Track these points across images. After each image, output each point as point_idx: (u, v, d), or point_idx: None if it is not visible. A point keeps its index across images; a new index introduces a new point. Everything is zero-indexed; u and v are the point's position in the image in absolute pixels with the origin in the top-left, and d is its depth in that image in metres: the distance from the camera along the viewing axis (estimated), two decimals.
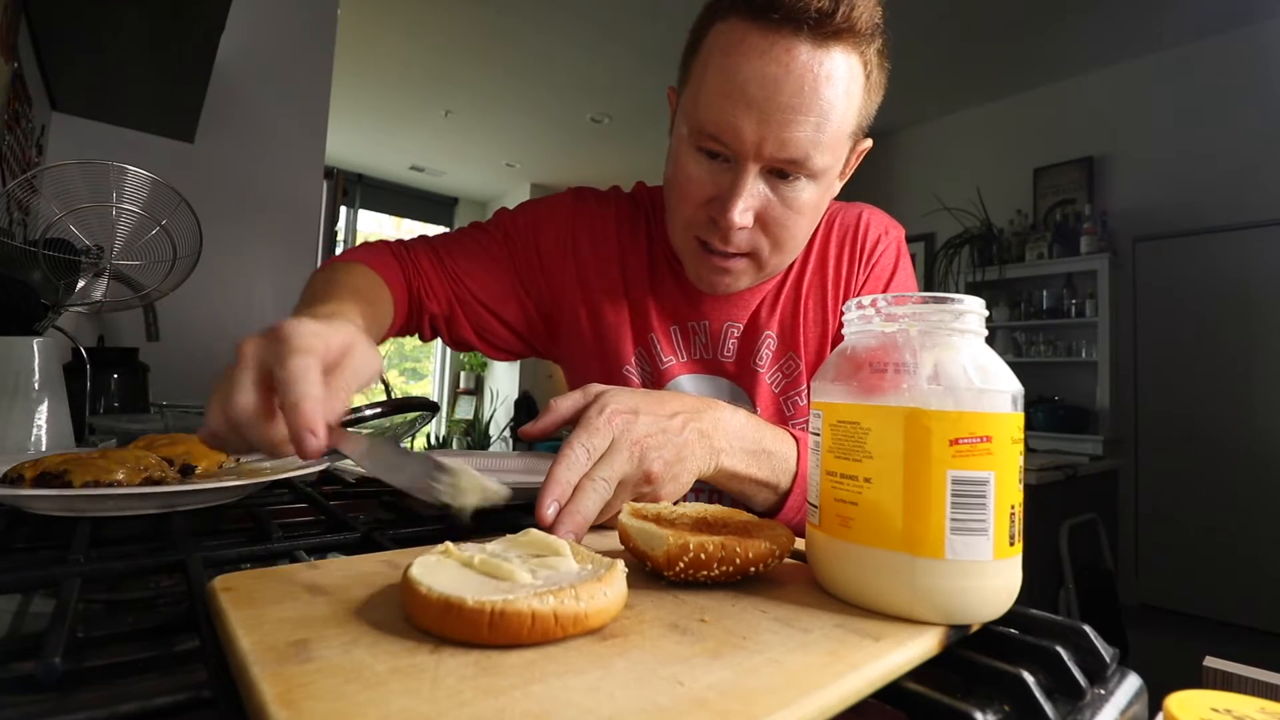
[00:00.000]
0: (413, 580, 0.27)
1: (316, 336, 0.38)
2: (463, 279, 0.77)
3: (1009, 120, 4.24)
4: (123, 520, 0.49)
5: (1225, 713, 0.28)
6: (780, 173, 0.62)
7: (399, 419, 0.80)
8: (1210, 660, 0.46)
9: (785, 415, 0.76)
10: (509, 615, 0.25)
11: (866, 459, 0.33)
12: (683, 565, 0.34)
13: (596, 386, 0.50)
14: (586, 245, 0.80)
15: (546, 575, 0.30)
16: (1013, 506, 0.32)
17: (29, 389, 0.77)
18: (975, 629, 0.33)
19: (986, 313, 0.36)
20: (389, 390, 1.67)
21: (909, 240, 4.50)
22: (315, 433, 0.33)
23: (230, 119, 1.97)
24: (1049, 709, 0.26)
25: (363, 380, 0.40)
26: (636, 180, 0.88)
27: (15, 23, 1.17)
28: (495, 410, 6.37)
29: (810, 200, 0.65)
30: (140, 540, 0.50)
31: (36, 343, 0.79)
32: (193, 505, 0.51)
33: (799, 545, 0.40)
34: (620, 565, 0.30)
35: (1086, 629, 0.32)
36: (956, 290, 4.13)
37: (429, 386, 6.75)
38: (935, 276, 4.27)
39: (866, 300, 0.36)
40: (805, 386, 0.76)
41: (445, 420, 6.35)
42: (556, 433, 0.52)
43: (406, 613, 0.28)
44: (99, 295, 1.10)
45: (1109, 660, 0.31)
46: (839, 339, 0.78)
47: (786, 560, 0.38)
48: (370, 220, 6.12)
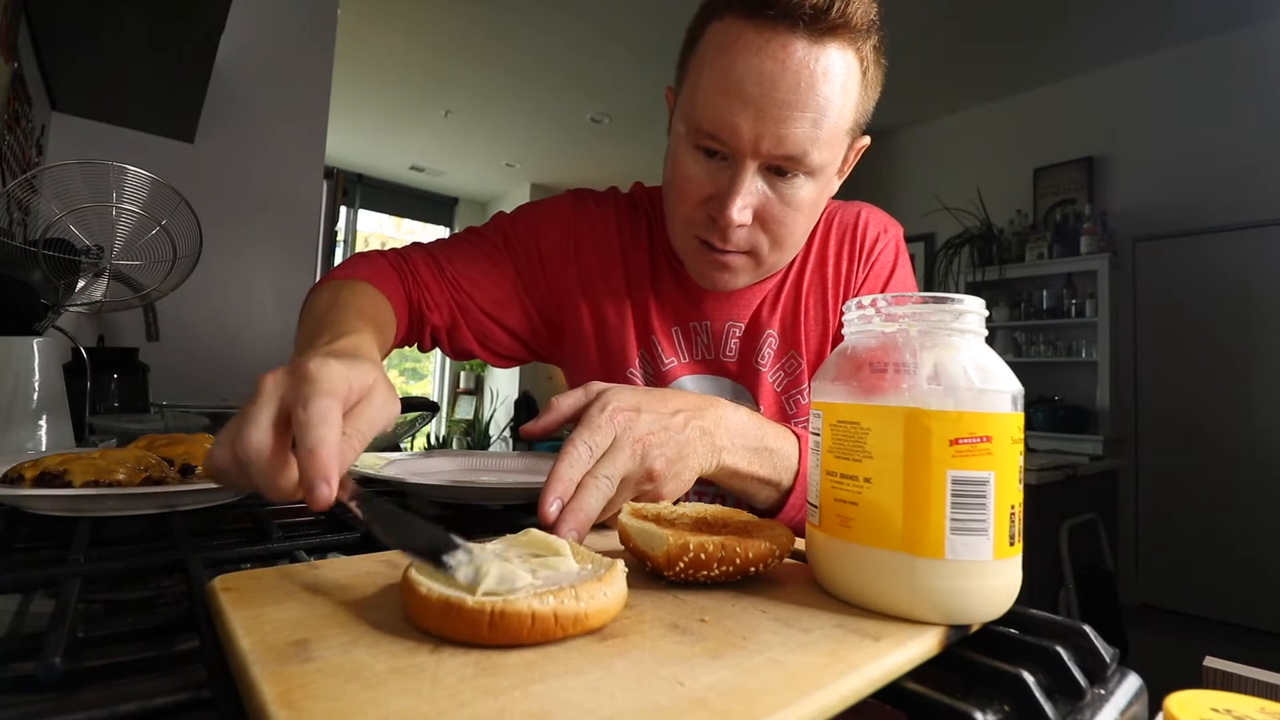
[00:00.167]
0: (413, 580, 0.27)
1: (342, 380, 0.37)
2: (464, 287, 0.76)
3: (1009, 120, 4.24)
4: (123, 520, 0.49)
5: (1225, 713, 0.28)
6: (778, 170, 0.62)
7: (399, 419, 0.80)
8: (1210, 660, 0.46)
9: (788, 414, 0.76)
10: (509, 615, 0.25)
11: (866, 459, 0.33)
12: (683, 565, 0.34)
13: (598, 384, 0.50)
14: (589, 248, 0.79)
15: (546, 575, 0.30)
16: (1013, 506, 0.32)
17: (29, 389, 0.77)
18: (975, 629, 0.33)
19: (986, 313, 0.36)
20: None
21: (909, 240, 4.50)
22: (329, 482, 0.32)
23: (230, 119, 1.97)
24: (1049, 709, 0.26)
25: (378, 428, 0.39)
26: (636, 180, 0.88)
27: (15, 23, 1.17)
28: (495, 410, 6.37)
29: (809, 197, 0.65)
30: (140, 540, 0.50)
31: (36, 343, 0.79)
32: (193, 505, 0.51)
33: (799, 545, 0.40)
34: (620, 565, 0.30)
35: (1086, 629, 0.32)
36: (956, 290, 4.14)
37: (429, 386, 6.75)
38: (935, 276, 4.27)
39: (866, 300, 0.37)
40: (807, 385, 0.76)
41: (445, 420, 6.35)
42: (557, 432, 0.51)
43: (406, 613, 0.28)
44: (99, 295, 1.10)
45: (1109, 660, 0.31)
46: (839, 337, 0.78)
47: (786, 560, 0.38)
48: (370, 220, 6.12)
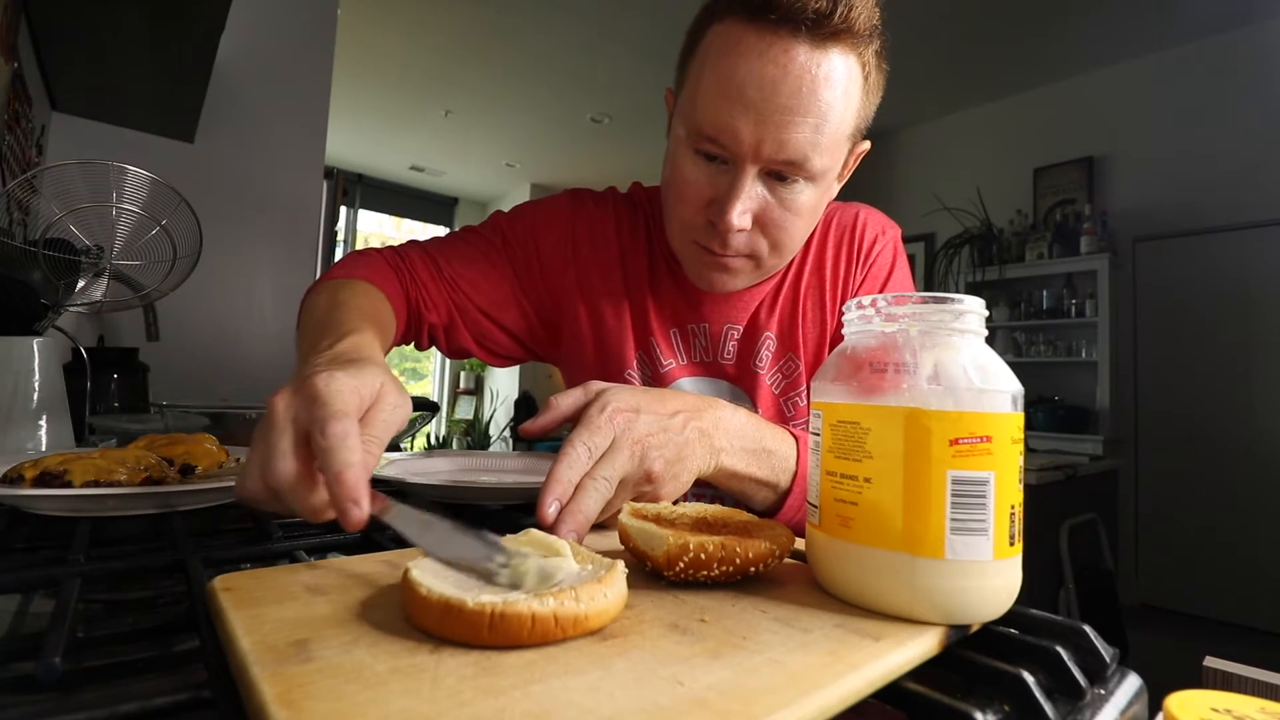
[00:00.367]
0: (413, 581, 0.27)
1: (352, 393, 0.37)
2: (462, 287, 0.76)
3: (1009, 120, 4.24)
4: (123, 520, 0.49)
5: (1225, 713, 0.28)
6: (778, 175, 0.62)
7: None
8: (1210, 660, 0.46)
9: (786, 416, 0.76)
10: (509, 617, 0.25)
11: (866, 459, 0.33)
12: (683, 565, 0.34)
13: (597, 384, 0.50)
14: (587, 249, 0.79)
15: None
16: (1013, 506, 0.32)
17: (29, 389, 0.77)
18: (975, 629, 0.33)
19: (986, 313, 0.36)
20: None
21: (909, 240, 4.52)
22: (359, 504, 0.32)
23: (230, 119, 1.97)
24: (1049, 709, 0.26)
25: (392, 431, 0.39)
26: (635, 180, 0.88)
27: (15, 23, 1.17)
28: (495, 410, 6.37)
29: (808, 202, 0.64)
30: (140, 540, 0.50)
31: (36, 343, 0.79)
32: (193, 505, 0.51)
33: (799, 545, 0.40)
34: (620, 566, 0.30)
35: (1086, 629, 0.32)
36: (956, 290, 4.14)
37: (429, 386, 6.75)
38: (935, 276, 4.27)
39: (866, 300, 0.36)
40: (805, 387, 0.76)
41: (445, 420, 6.35)
42: (557, 431, 0.51)
43: (406, 613, 0.28)
44: (99, 295, 1.10)
45: (1109, 660, 0.31)
46: (837, 339, 0.78)
47: (786, 560, 0.38)
48: (370, 220, 6.12)
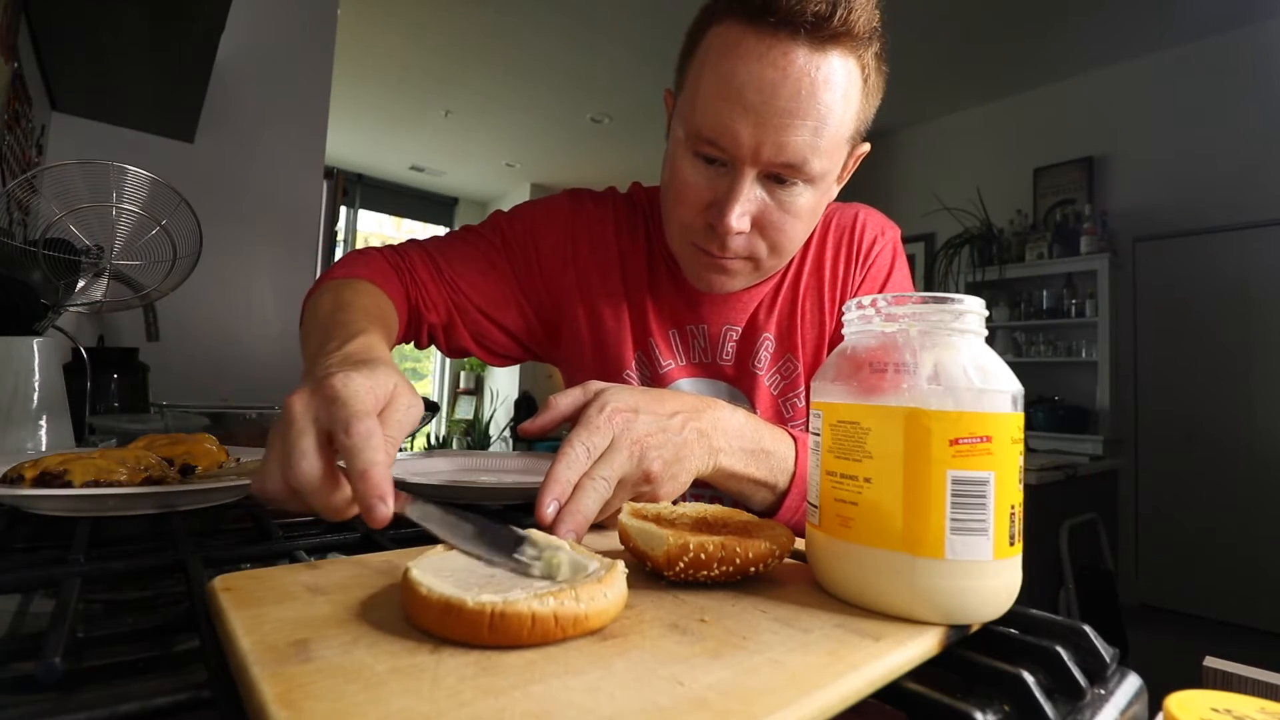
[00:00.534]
0: (413, 581, 0.27)
1: (370, 394, 0.37)
2: (461, 287, 0.76)
3: (1009, 120, 4.24)
4: (123, 520, 0.49)
5: (1225, 713, 0.28)
6: (778, 177, 0.62)
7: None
8: (1210, 660, 0.46)
9: (784, 417, 0.76)
10: (509, 616, 0.25)
11: (866, 459, 0.33)
12: (683, 565, 0.34)
13: (596, 384, 0.50)
14: (586, 249, 0.79)
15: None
16: (1013, 506, 0.32)
17: (29, 389, 0.77)
18: (975, 629, 0.33)
19: (986, 313, 0.36)
20: None
21: (908, 240, 4.51)
22: (385, 500, 0.33)
23: (230, 119, 1.97)
24: (1049, 709, 0.26)
25: (406, 431, 0.39)
26: (635, 180, 0.88)
27: (15, 23, 1.17)
28: (495, 410, 6.37)
29: (807, 205, 0.64)
30: (140, 540, 0.50)
31: (36, 343, 0.79)
32: (193, 505, 0.51)
33: (799, 545, 0.40)
34: (620, 566, 0.30)
35: (1086, 629, 0.32)
36: (956, 290, 4.13)
37: (429, 386, 6.75)
38: (935, 276, 4.27)
39: (866, 300, 0.36)
40: (803, 388, 0.76)
41: (445, 420, 6.35)
42: (556, 431, 0.51)
43: (406, 613, 0.28)
44: (99, 295, 1.10)
45: (1109, 660, 0.31)
46: (836, 340, 0.78)
47: (786, 560, 0.38)
48: (370, 220, 6.12)
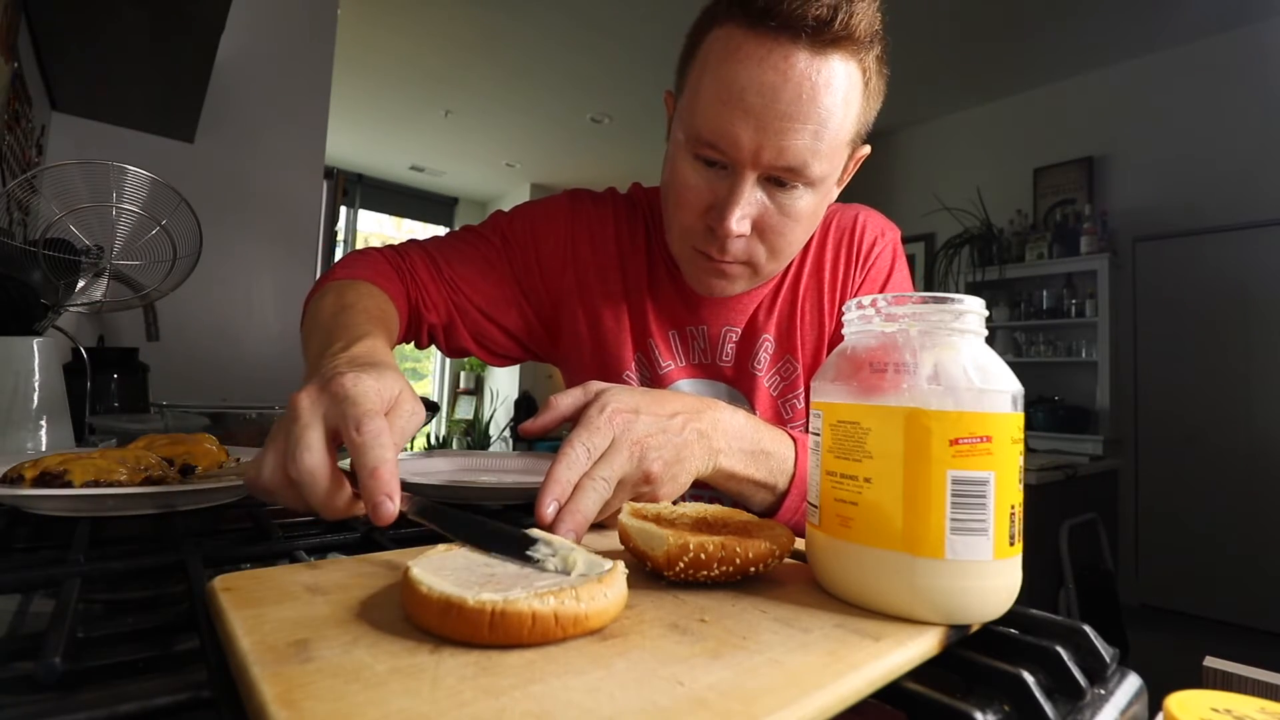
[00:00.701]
0: (413, 580, 0.27)
1: (378, 395, 0.38)
2: (461, 288, 0.76)
3: (1009, 120, 4.24)
4: (123, 520, 0.49)
5: (1225, 713, 0.28)
6: (778, 181, 0.62)
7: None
8: (1210, 660, 0.46)
9: (784, 418, 0.76)
10: (509, 615, 0.25)
11: (866, 459, 0.33)
12: (683, 565, 0.34)
13: (596, 384, 0.50)
14: (586, 250, 0.79)
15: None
16: (1013, 506, 0.32)
17: (29, 389, 0.77)
18: (975, 629, 0.33)
19: (986, 313, 0.36)
20: None
21: (909, 240, 4.51)
22: (392, 498, 0.34)
23: (230, 119, 1.97)
24: (1049, 709, 0.26)
25: (409, 435, 0.40)
26: (635, 181, 0.88)
27: (15, 23, 1.17)
28: (495, 410, 6.37)
29: (807, 208, 0.64)
30: (140, 540, 0.50)
31: (36, 343, 0.79)
32: (193, 505, 0.51)
33: (799, 545, 0.40)
34: (620, 566, 0.30)
35: (1086, 629, 0.32)
36: (956, 290, 4.13)
37: (429, 386, 6.75)
38: (935, 276, 4.27)
39: (867, 300, 0.36)
40: (803, 389, 0.76)
41: (445, 420, 6.35)
42: (556, 431, 0.51)
43: (406, 613, 0.28)
44: (99, 295, 1.10)
45: (1109, 660, 0.31)
46: (836, 341, 0.78)
47: (786, 560, 0.38)
48: (370, 220, 6.12)
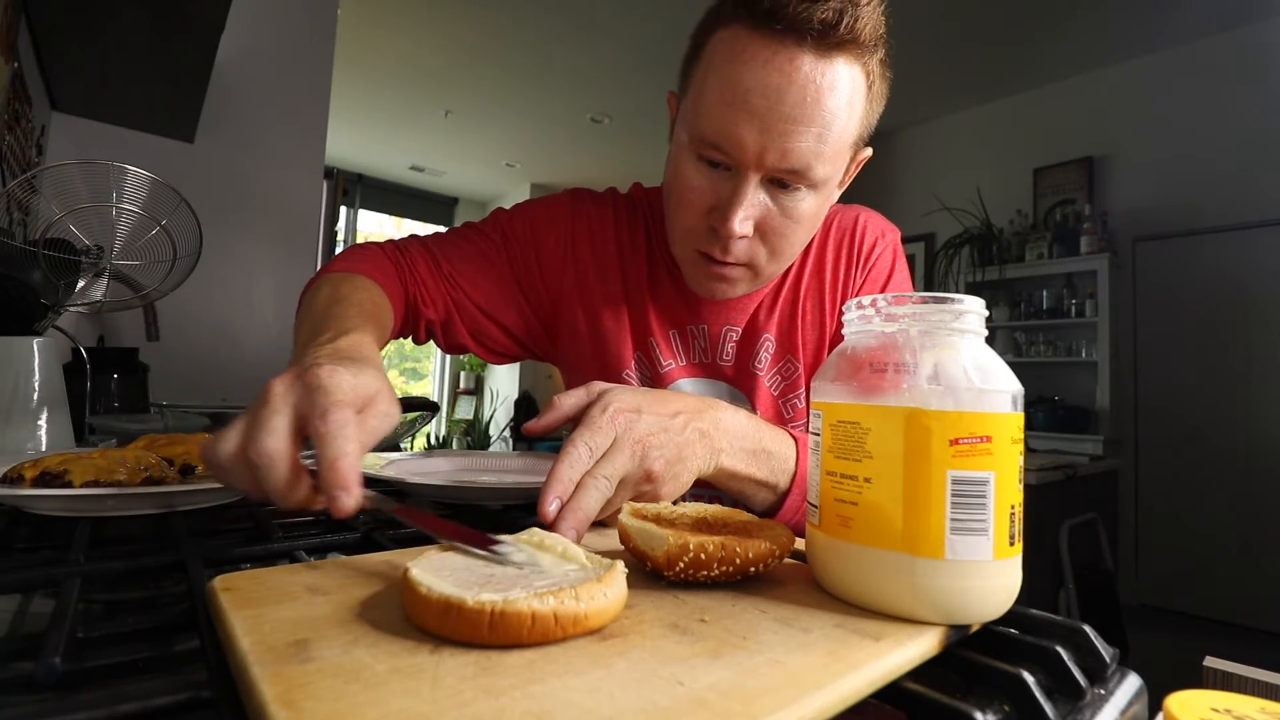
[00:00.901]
0: (413, 580, 0.27)
1: (353, 390, 0.38)
2: (460, 284, 0.76)
3: (1009, 120, 4.24)
4: (123, 520, 0.49)
5: (1225, 713, 0.28)
6: (780, 182, 0.62)
7: (400, 419, 0.80)
8: (1210, 660, 0.46)
9: (784, 418, 0.76)
10: (509, 615, 0.25)
11: (866, 459, 0.33)
12: (683, 565, 0.34)
13: (599, 384, 0.50)
14: (586, 249, 0.79)
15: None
16: (1013, 506, 0.32)
17: (29, 389, 0.77)
18: (975, 629, 0.33)
19: (986, 313, 0.36)
20: None
21: (909, 240, 4.51)
22: (350, 492, 0.33)
23: (230, 119, 1.97)
24: (1049, 709, 0.26)
25: (379, 435, 0.40)
26: (635, 181, 0.88)
27: (15, 23, 1.17)
28: (495, 410, 6.37)
29: (809, 210, 0.64)
30: (140, 540, 0.50)
31: (36, 343, 0.79)
32: (193, 505, 0.51)
33: (799, 545, 0.40)
34: (620, 566, 0.30)
35: (1086, 629, 0.32)
36: (956, 290, 4.13)
37: (429, 386, 6.75)
38: (935, 276, 4.27)
39: (866, 300, 0.36)
40: (804, 389, 0.76)
41: (445, 420, 6.35)
42: (557, 431, 0.52)
43: (406, 613, 0.28)
44: (99, 295, 1.10)
45: (1109, 660, 0.31)
46: (837, 341, 0.78)
47: (786, 560, 0.38)
48: (370, 220, 6.12)
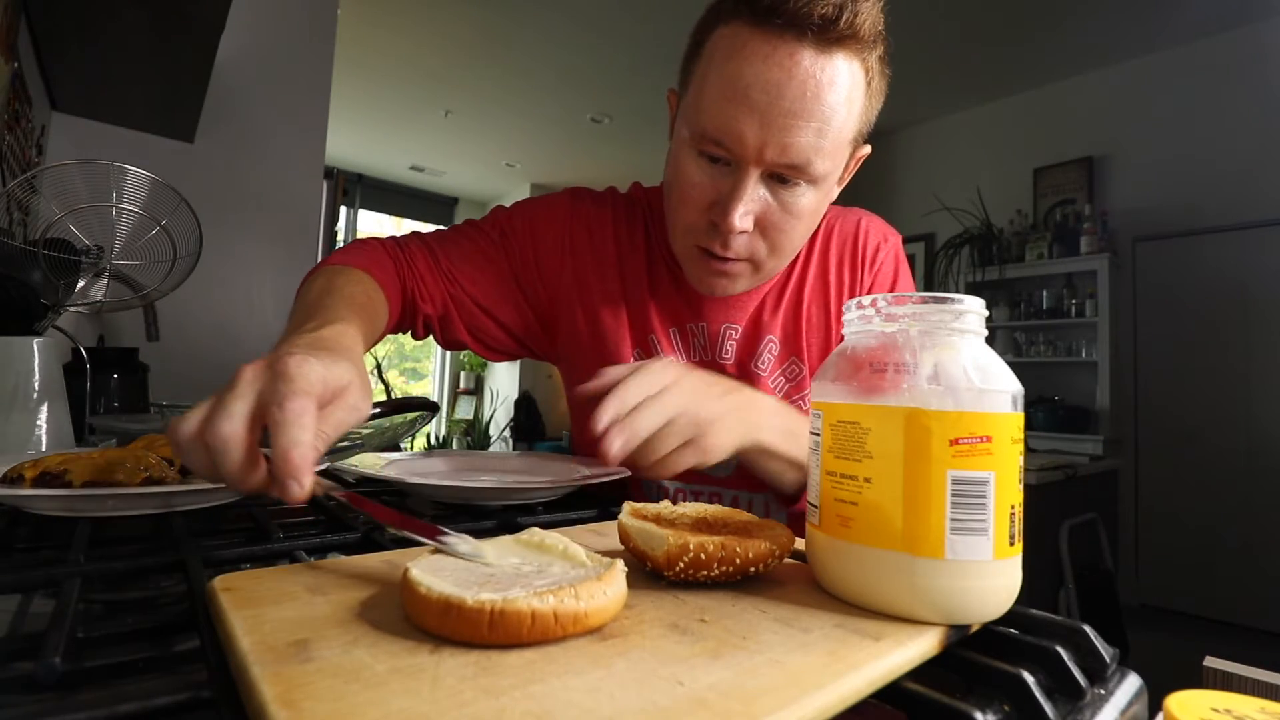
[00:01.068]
0: (413, 580, 0.27)
1: (319, 380, 0.38)
2: (459, 280, 0.76)
3: (1009, 120, 4.24)
4: (123, 520, 0.49)
5: (1225, 713, 0.28)
6: (781, 178, 0.63)
7: (399, 419, 0.80)
8: (1210, 660, 0.46)
9: None
10: (509, 615, 0.25)
11: (866, 459, 0.33)
12: (683, 565, 0.34)
13: (647, 361, 0.54)
14: (585, 248, 0.80)
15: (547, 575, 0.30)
16: (1013, 506, 0.32)
17: (29, 389, 0.77)
18: (975, 629, 0.33)
19: (986, 313, 0.36)
20: (389, 390, 1.67)
21: (908, 240, 4.51)
22: (300, 482, 0.33)
23: (230, 119, 1.97)
24: (1049, 709, 0.26)
25: (344, 429, 0.40)
26: (635, 180, 0.88)
27: (15, 23, 1.17)
28: (495, 410, 6.37)
29: (809, 205, 0.65)
30: (140, 540, 0.50)
31: (36, 343, 0.79)
32: (193, 505, 0.51)
33: (799, 545, 0.40)
34: (620, 565, 0.30)
35: (1086, 629, 0.32)
36: (956, 290, 4.13)
37: (429, 386, 6.75)
38: (935, 276, 4.27)
39: (866, 300, 0.36)
40: (809, 391, 0.76)
41: (445, 420, 6.35)
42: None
43: (406, 613, 0.28)
44: (99, 295, 1.10)
45: (1109, 660, 0.31)
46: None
47: (786, 560, 0.38)
48: (370, 220, 6.12)
